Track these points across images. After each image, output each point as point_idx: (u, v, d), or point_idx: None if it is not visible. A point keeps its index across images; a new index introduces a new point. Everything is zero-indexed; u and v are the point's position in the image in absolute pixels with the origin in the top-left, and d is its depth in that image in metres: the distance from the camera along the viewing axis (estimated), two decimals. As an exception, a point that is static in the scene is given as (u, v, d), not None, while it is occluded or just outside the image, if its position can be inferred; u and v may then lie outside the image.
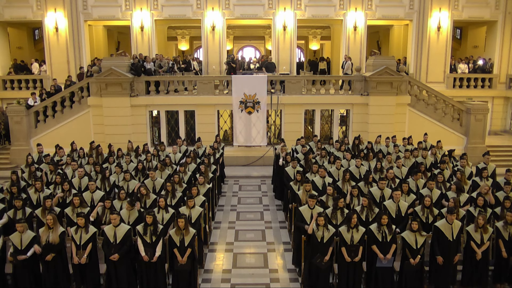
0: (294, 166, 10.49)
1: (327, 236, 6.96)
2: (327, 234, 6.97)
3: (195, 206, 8.00)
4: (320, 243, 6.95)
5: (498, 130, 18.91)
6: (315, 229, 6.99)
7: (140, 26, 18.05)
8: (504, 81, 18.93)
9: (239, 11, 18.14)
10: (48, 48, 18.18)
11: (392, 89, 14.97)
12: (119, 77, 14.41)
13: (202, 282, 7.70)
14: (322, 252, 6.95)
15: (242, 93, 14.94)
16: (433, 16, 18.18)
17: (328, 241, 6.96)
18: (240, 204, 11.88)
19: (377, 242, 6.94)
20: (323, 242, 6.94)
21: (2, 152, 15.68)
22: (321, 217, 6.95)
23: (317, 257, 6.95)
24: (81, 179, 9.48)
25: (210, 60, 18.42)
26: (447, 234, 6.94)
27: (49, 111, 15.27)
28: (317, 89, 15.48)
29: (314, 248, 7.02)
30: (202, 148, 12.71)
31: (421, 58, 18.58)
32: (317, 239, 6.95)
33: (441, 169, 10.17)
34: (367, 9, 18.23)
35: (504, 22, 18.48)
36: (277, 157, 12.38)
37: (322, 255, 6.94)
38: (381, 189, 8.71)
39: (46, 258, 6.78)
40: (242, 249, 9.08)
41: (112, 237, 6.79)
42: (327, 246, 6.97)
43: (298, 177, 9.51)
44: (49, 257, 6.78)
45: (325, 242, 6.94)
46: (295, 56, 19.05)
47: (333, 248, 7.07)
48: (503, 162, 14.46)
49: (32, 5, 17.88)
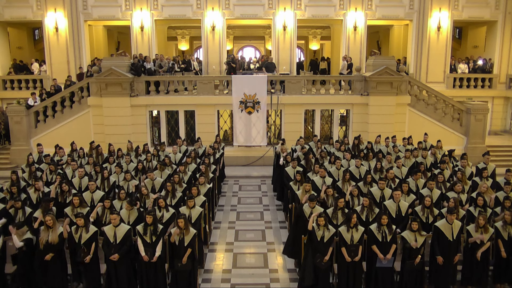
0: (294, 166, 10.50)
1: (327, 236, 6.97)
2: (327, 234, 6.98)
3: (195, 206, 8.01)
4: (320, 242, 6.96)
5: (498, 130, 18.90)
6: (316, 228, 6.99)
7: (140, 26, 18.05)
8: (504, 81, 18.92)
9: (239, 11, 18.14)
10: (48, 48, 18.18)
11: (392, 89, 14.97)
12: (119, 77, 14.41)
13: (202, 282, 7.70)
14: (322, 252, 6.96)
15: (242, 93, 14.94)
16: (433, 16, 18.18)
17: (328, 240, 6.97)
18: (240, 204, 11.88)
19: (377, 242, 6.94)
20: (323, 241, 6.95)
21: (2, 152, 15.68)
22: (321, 217, 6.96)
23: (317, 257, 6.96)
24: (81, 179, 9.49)
25: (210, 60, 18.41)
26: (447, 234, 6.95)
27: (49, 111, 15.27)
28: (317, 89, 15.48)
29: (314, 248, 7.02)
30: (202, 148, 12.71)
31: (421, 58, 18.58)
32: (317, 239, 6.96)
33: (441, 169, 10.17)
34: (367, 9, 18.23)
35: (504, 22, 18.48)
36: (277, 157, 12.37)
37: (322, 255, 6.94)
38: (381, 189, 8.72)
39: (46, 257, 6.78)
40: (242, 249, 9.08)
41: (112, 237, 6.79)
42: (327, 246, 6.98)
43: (298, 177, 9.51)
44: (48, 257, 6.78)
45: (325, 241, 6.96)
46: (295, 56, 19.05)
47: (333, 248, 7.07)
48: (503, 162, 14.46)
49: (32, 5, 17.88)
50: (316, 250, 7.00)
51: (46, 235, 6.82)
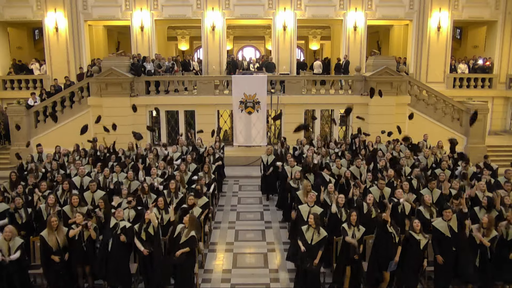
0: (292, 166, 10.47)
1: (316, 239, 6.87)
2: (317, 237, 6.87)
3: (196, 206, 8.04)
4: (309, 245, 6.86)
5: (498, 130, 18.89)
6: (305, 230, 6.90)
7: (140, 26, 18.04)
8: (504, 81, 18.90)
9: (239, 11, 18.13)
10: (48, 48, 18.17)
11: (392, 89, 14.97)
12: (119, 77, 14.41)
13: (202, 282, 7.69)
14: (311, 254, 6.84)
15: (242, 93, 14.93)
16: (433, 16, 18.18)
17: (317, 244, 6.86)
18: (240, 204, 11.88)
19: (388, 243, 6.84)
20: (312, 244, 6.85)
21: (2, 152, 15.67)
22: (312, 216, 6.90)
23: (306, 262, 6.84)
24: (82, 178, 9.50)
25: (210, 60, 18.41)
26: (444, 231, 6.94)
27: (49, 111, 15.25)
28: (317, 89, 15.48)
29: (304, 251, 6.88)
30: (203, 148, 12.69)
31: (421, 58, 18.58)
32: (306, 241, 6.88)
33: (442, 169, 10.17)
34: (367, 9, 18.23)
35: (504, 22, 18.48)
36: (265, 165, 12.12)
37: (311, 259, 6.83)
38: (380, 189, 8.71)
39: (65, 257, 6.80)
40: (242, 249, 9.07)
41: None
42: (316, 249, 6.86)
43: (297, 175, 9.53)
44: (66, 256, 6.82)
45: (314, 244, 6.85)
46: (295, 56, 19.03)
47: (322, 251, 6.93)
48: (503, 162, 14.41)
49: (32, 5, 17.86)
50: (304, 252, 6.86)
51: (53, 237, 6.76)
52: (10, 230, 6.61)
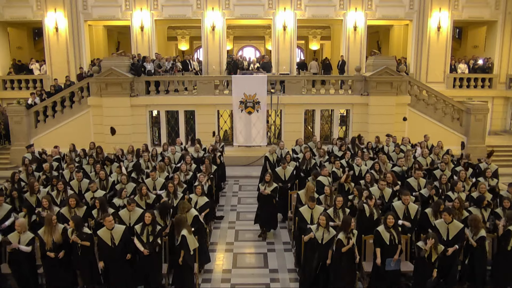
0: (284, 168, 10.32)
1: (327, 237, 6.87)
2: (327, 236, 6.88)
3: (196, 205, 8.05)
4: (320, 244, 6.87)
5: (498, 130, 18.90)
6: (315, 230, 6.93)
7: (140, 26, 18.04)
8: (504, 81, 18.92)
9: (239, 11, 18.13)
10: (48, 48, 18.18)
11: (392, 89, 14.97)
12: (119, 77, 14.41)
13: (202, 282, 7.69)
14: (321, 254, 6.84)
15: (242, 93, 14.93)
16: (433, 16, 18.18)
17: (327, 242, 6.85)
18: (240, 204, 11.88)
19: (384, 244, 6.83)
20: (322, 243, 6.86)
21: (2, 152, 15.67)
22: (323, 217, 6.88)
23: (314, 260, 6.84)
24: (80, 182, 9.42)
25: (210, 60, 18.41)
26: (442, 232, 6.94)
27: (49, 111, 15.28)
28: (317, 89, 15.48)
29: (314, 250, 6.93)
30: (201, 152, 12.37)
31: (421, 58, 18.58)
32: (317, 240, 6.89)
33: (442, 169, 10.16)
34: (367, 9, 18.23)
35: (504, 22, 18.48)
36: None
37: (322, 258, 6.82)
38: (381, 189, 8.71)
39: (59, 255, 6.76)
40: (242, 249, 9.08)
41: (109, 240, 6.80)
42: (326, 248, 6.85)
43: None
44: (61, 254, 6.78)
45: (325, 243, 6.85)
46: (295, 56, 19.04)
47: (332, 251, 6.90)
48: (503, 162, 14.45)
49: (32, 5, 17.87)
50: (315, 251, 6.88)
51: (49, 235, 6.75)
52: (20, 224, 6.83)
